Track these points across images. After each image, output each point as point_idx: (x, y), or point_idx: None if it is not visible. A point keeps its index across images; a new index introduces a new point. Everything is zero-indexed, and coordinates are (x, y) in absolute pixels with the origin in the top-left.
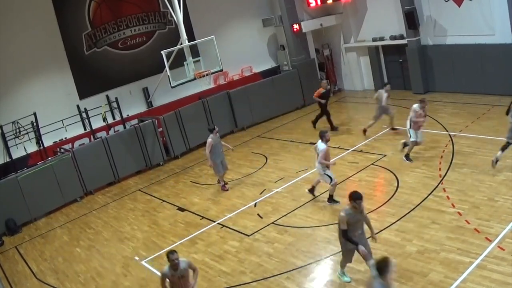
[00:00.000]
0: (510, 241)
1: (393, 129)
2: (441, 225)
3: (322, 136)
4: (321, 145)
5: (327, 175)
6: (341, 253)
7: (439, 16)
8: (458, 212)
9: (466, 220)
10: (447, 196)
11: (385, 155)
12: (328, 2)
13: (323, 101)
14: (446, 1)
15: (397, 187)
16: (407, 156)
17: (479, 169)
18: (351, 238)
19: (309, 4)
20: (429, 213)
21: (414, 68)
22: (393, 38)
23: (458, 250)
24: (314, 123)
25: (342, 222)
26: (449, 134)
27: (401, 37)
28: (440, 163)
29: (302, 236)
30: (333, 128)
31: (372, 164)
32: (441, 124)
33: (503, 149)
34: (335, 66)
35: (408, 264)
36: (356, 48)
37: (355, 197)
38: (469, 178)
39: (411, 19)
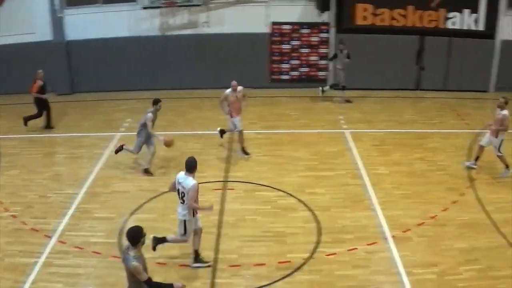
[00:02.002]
0: (69, 234)
1: None
2: None
3: (191, 167)
4: (188, 180)
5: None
6: None
7: None
8: (13, 215)
9: (22, 222)
10: None
11: None
12: None
13: (44, 96)
14: None
15: None
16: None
17: (27, 169)
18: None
19: None
20: None
21: None
22: None
23: (21, 252)
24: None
25: (140, 273)
26: None
27: None
28: None
29: None
30: (49, 126)
31: None
32: None
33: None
34: None
35: None
36: None
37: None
38: (18, 179)
39: None
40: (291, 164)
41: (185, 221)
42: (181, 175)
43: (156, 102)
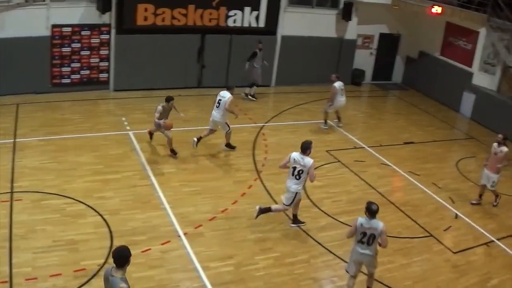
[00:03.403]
0: None
1: None
2: None
3: (307, 148)
4: (306, 160)
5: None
6: None
7: None
8: None
9: None
10: None
11: None
12: None
13: None
14: None
15: None
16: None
17: None
18: None
19: None
20: None
21: None
22: None
23: None
24: None
25: None
26: None
27: None
28: None
29: None
30: None
31: None
32: None
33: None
34: None
35: None
36: None
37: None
38: None
39: None
40: (77, 170)
41: (296, 193)
42: (296, 155)
43: (168, 99)
